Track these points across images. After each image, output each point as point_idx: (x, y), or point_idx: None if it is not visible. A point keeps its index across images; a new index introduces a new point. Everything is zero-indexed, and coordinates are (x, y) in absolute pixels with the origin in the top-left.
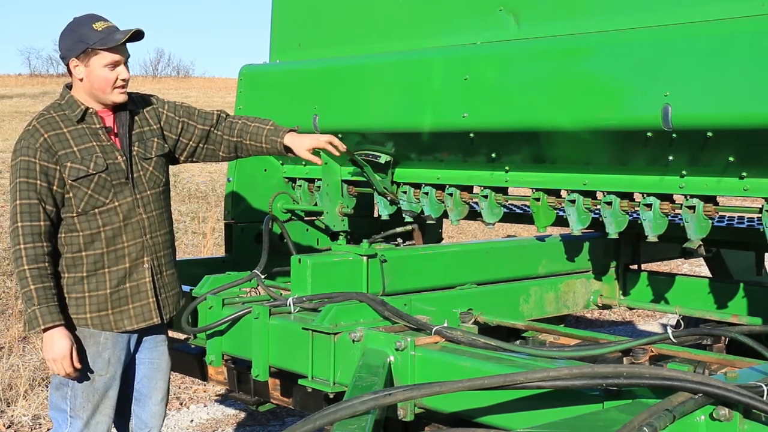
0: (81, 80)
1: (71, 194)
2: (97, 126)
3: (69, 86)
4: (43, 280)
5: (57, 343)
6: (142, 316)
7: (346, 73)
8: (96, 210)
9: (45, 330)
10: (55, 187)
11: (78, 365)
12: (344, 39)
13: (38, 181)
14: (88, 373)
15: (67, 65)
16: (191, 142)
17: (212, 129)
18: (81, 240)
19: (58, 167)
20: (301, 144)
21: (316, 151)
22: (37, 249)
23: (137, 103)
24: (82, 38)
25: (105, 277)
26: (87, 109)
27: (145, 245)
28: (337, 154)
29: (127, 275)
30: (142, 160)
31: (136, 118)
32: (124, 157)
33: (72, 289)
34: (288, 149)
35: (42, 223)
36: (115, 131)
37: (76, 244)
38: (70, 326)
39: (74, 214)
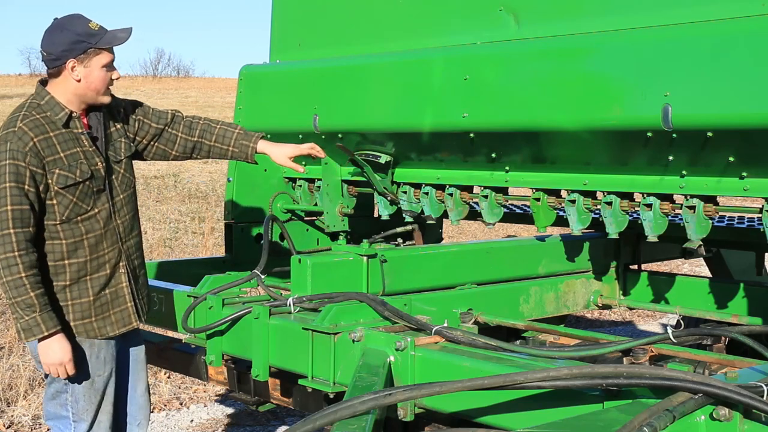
0: (78, 81)
1: (55, 201)
2: (79, 131)
3: (43, 83)
4: (39, 286)
5: (58, 347)
6: (122, 321)
7: (346, 73)
8: (79, 217)
9: (47, 336)
10: (41, 194)
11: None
12: (344, 39)
13: (28, 187)
14: (87, 376)
15: (60, 66)
16: (143, 140)
17: (166, 128)
18: (64, 248)
19: (45, 173)
20: (281, 152)
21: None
22: (31, 256)
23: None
24: (83, 38)
25: (87, 284)
26: (71, 113)
27: (120, 250)
28: (322, 155)
29: (107, 282)
30: (114, 164)
31: (104, 120)
32: (103, 163)
33: (54, 298)
34: (251, 156)
35: (31, 229)
36: (94, 135)
37: (59, 252)
38: (65, 330)
39: (57, 222)
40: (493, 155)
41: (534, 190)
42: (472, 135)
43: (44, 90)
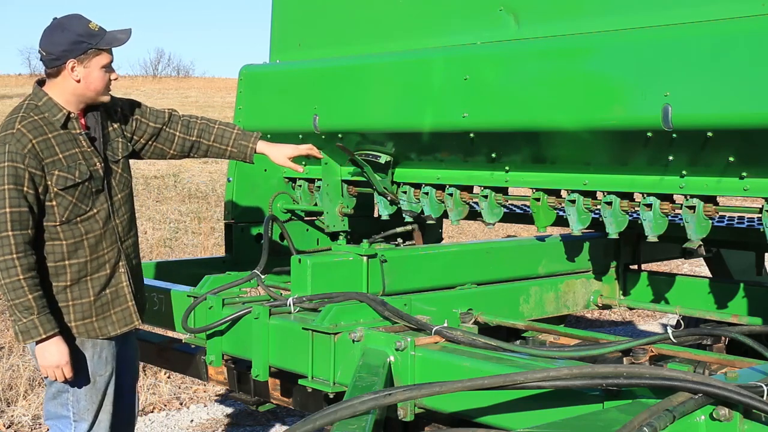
0: (78, 81)
1: (55, 203)
2: (78, 131)
3: (40, 84)
4: (38, 289)
5: (56, 350)
6: (123, 320)
7: (346, 73)
8: (78, 218)
9: (45, 339)
10: (39, 196)
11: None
12: (344, 39)
13: (27, 189)
14: (89, 376)
15: (59, 66)
16: (141, 140)
17: (164, 127)
18: (64, 249)
19: (44, 174)
20: (280, 153)
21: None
22: (29, 258)
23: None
24: (83, 38)
25: (88, 284)
26: (69, 113)
27: (120, 250)
28: (320, 156)
29: (108, 281)
30: (112, 164)
31: (102, 120)
32: (102, 163)
33: (53, 300)
34: (249, 156)
35: (30, 231)
36: (92, 135)
37: (59, 252)
38: (63, 332)
39: (57, 223)
40: (493, 155)
41: (534, 190)
42: (472, 135)
43: (42, 91)
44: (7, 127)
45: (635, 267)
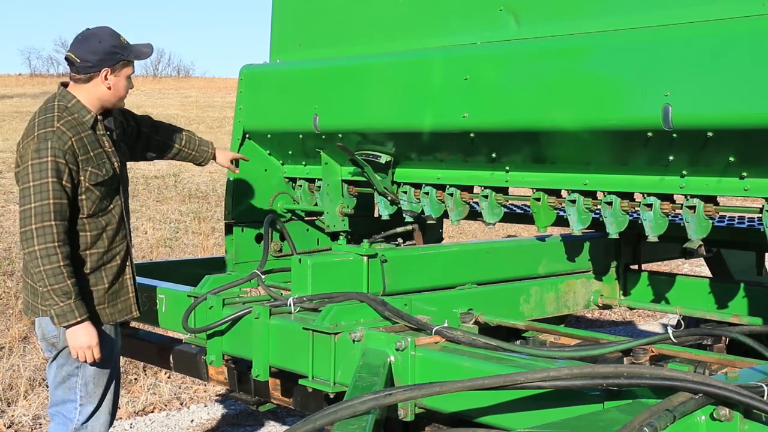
0: (109, 88)
1: (84, 197)
2: (102, 132)
3: (65, 86)
4: (73, 275)
5: (86, 332)
6: (126, 310)
7: (346, 73)
8: (100, 212)
9: (79, 322)
10: (75, 189)
11: None
12: (344, 39)
13: (66, 182)
14: (99, 360)
15: (93, 73)
16: (132, 143)
17: (150, 132)
18: (88, 239)
19: (79, 170)
20: (224, 155)
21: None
22: (67, 247)
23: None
24: (118, 50)
25: (102, 273)
26: (96, 116)
27: (128, 245)
28: (246, 159)
29: (117, 272)
30: (122, 164)
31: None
32: (119, 163)
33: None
34: (208, 160)
35: (67, 222)
36: (113, 137)
37: (84, 242)
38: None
39: (84, 216)
40: (494, 155)
41: (534, 190)
42: (472, 135)
43: (69, 93)
44: (46, 125)
45: (635, 267)
